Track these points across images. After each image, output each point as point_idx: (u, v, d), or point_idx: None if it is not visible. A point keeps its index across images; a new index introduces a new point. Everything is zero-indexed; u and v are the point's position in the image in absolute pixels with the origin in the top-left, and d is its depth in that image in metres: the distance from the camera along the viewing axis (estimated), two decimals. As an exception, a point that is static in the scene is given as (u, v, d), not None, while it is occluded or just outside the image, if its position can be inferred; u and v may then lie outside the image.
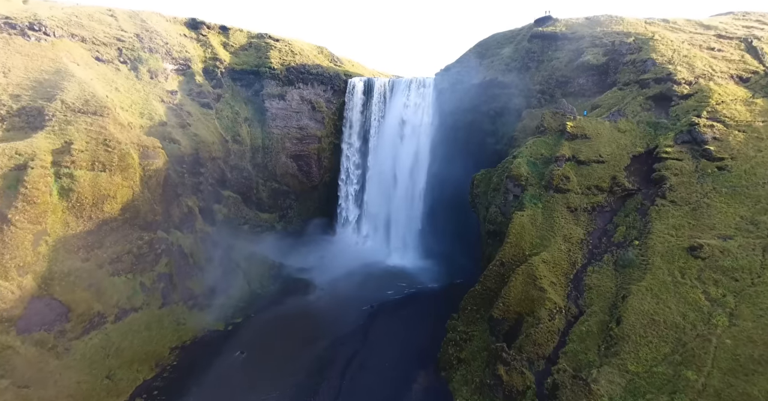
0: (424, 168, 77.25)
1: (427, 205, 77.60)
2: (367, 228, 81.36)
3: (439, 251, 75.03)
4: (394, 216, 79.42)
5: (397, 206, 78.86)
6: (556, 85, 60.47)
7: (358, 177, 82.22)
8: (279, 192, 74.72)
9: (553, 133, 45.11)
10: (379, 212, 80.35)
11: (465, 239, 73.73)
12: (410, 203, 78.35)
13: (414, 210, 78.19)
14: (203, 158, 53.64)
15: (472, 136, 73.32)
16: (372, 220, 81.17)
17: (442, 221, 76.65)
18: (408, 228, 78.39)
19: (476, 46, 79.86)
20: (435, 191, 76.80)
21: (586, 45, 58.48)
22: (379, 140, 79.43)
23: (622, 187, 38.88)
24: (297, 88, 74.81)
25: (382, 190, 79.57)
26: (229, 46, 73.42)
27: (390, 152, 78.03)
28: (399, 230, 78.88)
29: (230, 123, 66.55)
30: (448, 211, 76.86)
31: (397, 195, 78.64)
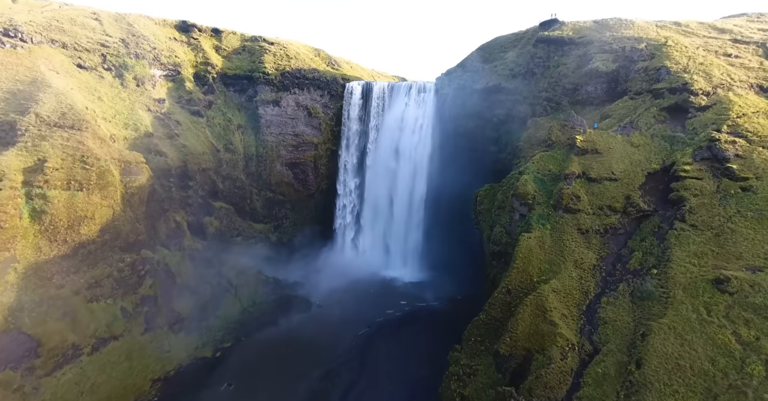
0: (425, 175, 74.65)
1: (428, 214, 75.01)
2: (366, 238, 78.75)
3: (439, 263, 72.47)
4: (394, 225, 76.89)
5: (396, 214, 76.29)
6: (563, 92, 57.71)
7: (356, 185, 79.55)
8: (274, 202, 72.08)
9: (562, 147, 42.40)
10: (378, 221, 77.77)
11: (467, 250, 71.13)
12: (410, 212, 75.76)
13: (414, 219, 75.60)
14: (192, 170, 50.97)
15: (475, 143, 70.66)
16: (370, 229, 78.56)
17: (442, 231, 74.07)
18: (407, 238, 75.82)
19: (479, 50, 77.04)
20: (435, 199, 74.19)
21: (594, 51, 55.66)
22: (378, 147, 76.79)
23: (637, 208, 36.18)
24: (292, 94, 72.04)
25: (381, 198, 76.95)
26: (221, 50, 70.60)
27: (389, 161, 75.37)
28: (398, 240, 76.34)
29: (222, 131, 63.82)
30: (449, 220, 74.23)
31: (397, 203, 76.04)
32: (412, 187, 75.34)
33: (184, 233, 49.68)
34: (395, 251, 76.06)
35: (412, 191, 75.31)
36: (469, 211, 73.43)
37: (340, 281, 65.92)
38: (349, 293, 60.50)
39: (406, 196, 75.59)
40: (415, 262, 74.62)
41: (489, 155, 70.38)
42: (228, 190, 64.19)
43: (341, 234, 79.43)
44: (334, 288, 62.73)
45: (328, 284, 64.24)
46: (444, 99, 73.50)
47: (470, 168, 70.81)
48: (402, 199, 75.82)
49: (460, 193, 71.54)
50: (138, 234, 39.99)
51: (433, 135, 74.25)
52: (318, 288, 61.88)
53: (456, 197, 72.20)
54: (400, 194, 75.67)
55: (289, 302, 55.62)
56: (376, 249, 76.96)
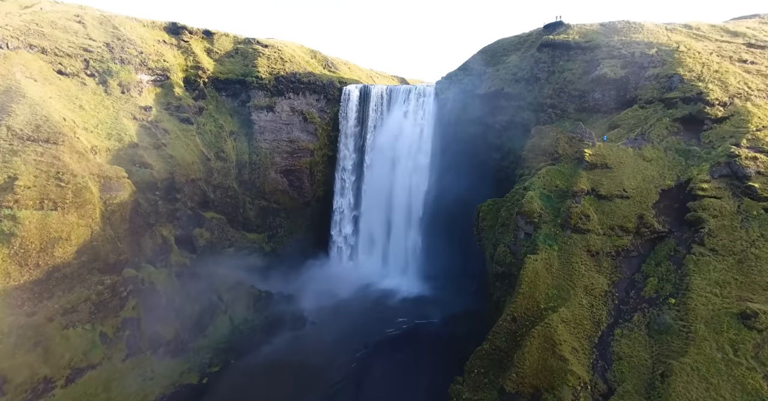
0: (424, 182, 72.24)
1: (427, 221, 72.65)
2: (363, 247, 76.36)
3: (439, 272, 70.18)
4: (392, 234, 74.48)
5: (395, 222, 73.89)
6: (568, 99, 55.29)
7: (354, 192, 77.08)
8: (268, 210, 69.63)
9: (569, 161, 39.97)
10: (376, 230, 75.38)
11: (467, 259, 68.77)
12: (409, 220, 73.38)
13: (413, 228, 73.24)
14: (179, 182, 48.48)
15: (476, 149, 68.28)
16: (368, 238, 76.16)
17: (442, 239, 71.75)
18: (406, 247, 73.49)
19: (480, 53, 74.52)
20: (436, 206, 71.85)
21: (602, 56, 53.16)
22: (376, 152, 74.33)
23: (651, 228, 33.81)
24: (287, 99, 69.48)
25: (379, 206, 74.48)
26: (213, 53, 67.98)
27: (388, 166, 72.92)
28: (397, 249, 73.97)
29: (213, 138, 61.30)
30: (449, 228, 71.91)
31: (395, 211, 73.60)
32: (411, 194, 72.96)
33: (171, 249, 47.25)
34: (394, 260, 73.74)
35: (412, 198, 72.94)
36: (470, 219, 70.90)
37: (336, 293, 63.58)
38: (345, 307, 58.18)
39: (405, 203, 73.21)
40: (414, 271, 72.32)
41: (491, 162, 68.01)
42: (219, 199, 61.74)
43: (338, 243, 77.03)
44: (329, 302, 60.38)
45: (323, 296, 61.89)
46: (444, 104, 71.06)
47: (471, 175, 68.47)
48: (401, 206, 73.43)
49: (461, 200, 69.20)
50: (119, 254, 37.57)
51: (433, 140, 71.86)
52: (313, 302, 59.51)
53: (457, 204, 69.84)
54: (399, 201, 73.28)
55: (283, 318, 53.28)
56: (374, 258, 74.63)
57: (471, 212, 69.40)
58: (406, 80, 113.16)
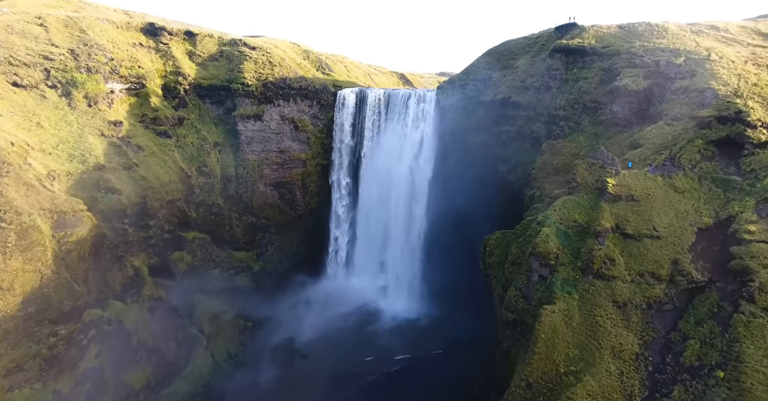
0: (425, 194, 67.44)
1: (428, 237, 68.04)
2: (360, 263, 71.82)
3: (440, 292, 65.73)
4: (391, 250, 69.86)
5: (393, 237, 69.17)
6: (583, 111, 50.25)
7: (350, 205, 72.35)
8: (256, 226, 64.90)
9: (589, 191, 35.12)
10: (373, 245, 70.74)
11: (470, 280, 64.25)
12: (408, 235, 68.67)
13: (412, 243, 68.60)
14: (153, 207, 43.62)
15: (481, 159, 63.39)
16: (365, 253, 71.57)
17: (444, 256, 67.18)
18: (405, 263, 68.94)
19: (486, 55, 69.17)
20: (437, 221, 67.16)
21: (622, 64, 47.97)
22: (374, 162, 69.45)
23: (688, 277, 29.15)
24: (276, 106, 64.29)
25: (376, 219, 69.76)
26: (195, 56, 62.61)
27: (386, 176, 68.00)
28: (395, 266, 69.41)
29: (195, 152, 56.28)
30: (451, 245, 67.26)
31: (394, 225, 68.84)
32: (410, 207, 68.19)
33: (144, 280, 42.63)
34: (392, 278, 69.25)
35: (411, 211, 68.18)
36: (474, 235, 66.41)
37: (331, 317, 59.28)
38: (339, 336, 53.85)
39: (405, 217, 68.43)
40: (414, 290, 67.91)
41: (497, 175, 63.18)
42: (202, 218, 56.97)
43: (333, 259, 72.53)
44: (322, 328, 56.08)
45: (316, 322, 57.61)
46: (446, 111, 65.93)
47: (476, 187, 63.66)
48: (400, 220, 68.67)
49: (465, 214, 64.58)
50: (77, 298, 33.02)
51: (435, 150, 66.90)
52: (304, 329, 55.21)
53: (460, 218, 65.21)
54: (398, 215, 68.51)
55: (272, 352, 49.04)
56: (371, 276, 70.12)
57: (475, 228, 64.90)
58: (405, 76, 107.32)
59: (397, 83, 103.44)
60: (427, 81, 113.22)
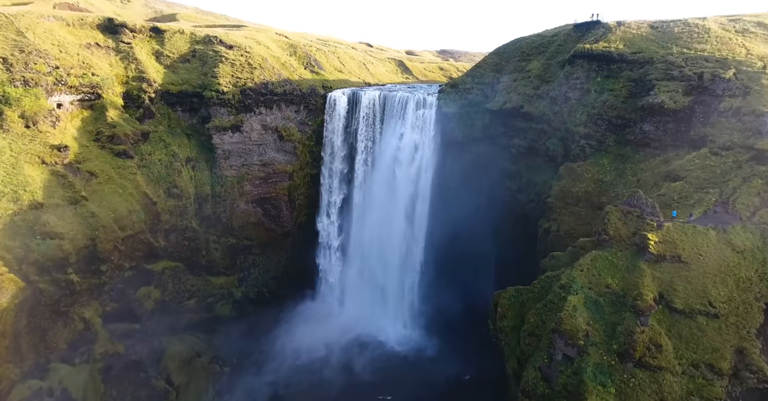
0: (425, 210, 61.09)
1: (428, 259, 62.14)
2: (353, 286, 65.95)
3: (440, 320, 60.19)
4: (387, 270, 63.79)
5: (389, 257, 63.04)
6: (607, 128, 43.51)
7: (342, 220, 66.03)
8: (237, 249, 58.67)
9: (624, 246, 28.80)
10: (367, 265, 64.68)
11: (473, 308, 59.11)
12: (406, 254, 62.63)
13: (411, 266, 62.69)
14: (105, 249, 37.01)
15: (486, 173, 57.08)
16: (358, 273, 65.58)
17: (446, 281, 61.57)
18: (402, 286, 63.13)
19: (493, 55, 61.59)
20: (438, 240, 61.14)
21: (656, 75, 40.84)
22: (368, 172, 62.89)
23: (759, 374, 23.22)
24: (257, 115, 57.04)
25: (371, 237, 63.54)
26: (164, 57, 54.87)
27: (382, 188, 61.51)
28: (391, 289, 63.49)
29: (164, 171, 49.44)
30: (454, 268, 61.50)
31: (391, 244, 62.64)
32: (409, 223, 61.90)
33: (97, 334, 36.69)
34: (387, 302, 63.48)
35: (410, 227, 61.93)
36: (479, 259, 60.44)
37: (320, 352, 53.99)
38: (327, 380, 48.49)
39: (402, 234, 62.17)
40: (410, 318, 62.40)
41: (504, 192, 56.78)
42: (174, 245, 50.69)
43: (323, 279, 66.68)
44: (309, 367, 50.85)
45: (303, 358, 52.33)
46: (448, 118, 58.84)
47: (480, 202, 57.46)
48: (397, 238, 62.41)
49: (468, 233, 58.52)
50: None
51: (435, 159, 60.21)
52: (290, 370, 49.86)
53: (463, 237, 59.20)
54: (395, 232, 62.22)
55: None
56: (366, 301, 64.31)
57: (480, 249, 59.05)
58: (404, 63, 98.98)
59: (395, 72, 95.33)
60: (428, 68, 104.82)
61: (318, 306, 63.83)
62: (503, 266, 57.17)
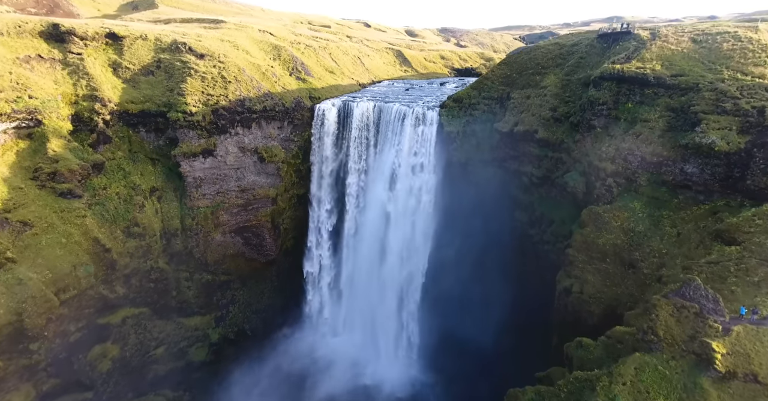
0: (425, 238, 54.93)
1: (429, 291, 56.38)
2: (346, 320, 60.25)
3: (441, 358, 54.80)
4: (384, 302, 57.77)
5: (386, 290, 56.97)
6: (639, 165, 36.90)
7: (332, 245, 59.80)
8: (214, 285, 52.44)
9: (679, 352, 22.63)
10: (360, 298, 58.78)
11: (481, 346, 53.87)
12: (405, 287, 56.68)
13: (409, 297, 56.85)
14: (35, 325, 30.67)
15: (494, 200, 50.97)
16: (352, 309, 59.80)
17: (450, 316, 56.05)
18: (401, 323, 57.39)
19: (504, 66, 54.21)
20: (440, 270, 55.36)
21: (703, 107, 33.93)
22: (361, 193, 56.37)
23: None
24: (234, 136, 49.87)
25: (364, 267, 57.42)
26: (122, 69, 47.31)
27: (377, 210, 55.17)
28: (388, 325, 57.58)
29: (122, 207, 42.67)
30: (458, 302, 55.96)
31: (387, 272, 56.55)
32: (407, 252, 55.78)
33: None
34: (385, 339, 57.77)
35: (408, 257, 55.86)
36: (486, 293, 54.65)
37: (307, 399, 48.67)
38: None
39: (400, 263, 56.05)
40: (409, 358, 56.89)
41: (513, 224, 50.56)
42: (137, 290, 44.40)
43: (312, 311, 60.84)
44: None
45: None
46: (451, 137, 52.12)
47: (485, 232, 51.55)
48: (393, 269, 56.30)
49: (473, 264, 52.96)
50: None
51: (436, 183, 53.76)
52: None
53: (467, 268, 53.68)
54: (392, 259, 56.11)
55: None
56: (360, 336, 58.79)
57: (486, 282, 53.25)
58: (403, 54, 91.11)
59: (393, 63, 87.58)
60: (428, 57, 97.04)
61: (308, 341, 58.22)
62: (512, 307, 51.36)
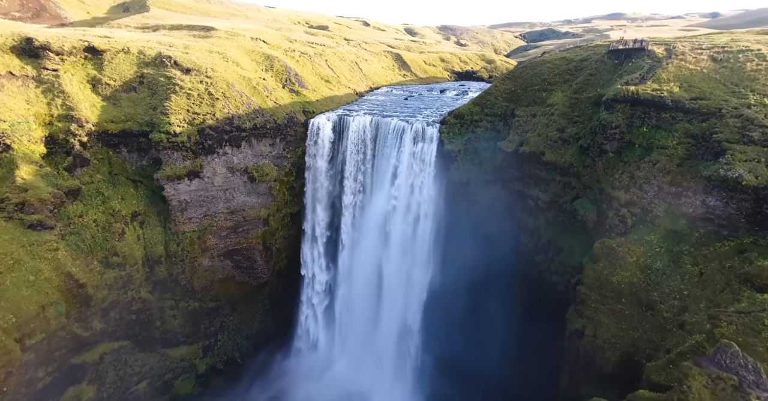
0: (426, 260, 52.23)
1: (430, 313, 53.67)
2: (341, 343, 57.54)
3: (444, 390, 52.19)
4: (382, 327, 55.13)
5: (384, 311, 54.37)
6: (656, 195, 34.27)
7: (327, 268, 57.08)
8: (201, 313, 49.62)
9: (718, 428, 19.98)
10: (357, 322, 56.12)
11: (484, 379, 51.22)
12: (404, 310, 53.95)
13: (409, 323, 54.10)
14: (-6, 379, 27.97)
15: (497, 222, 48.24)
16: (348, 331, 57.11)
17: (451, 340, 53.34)
18: (401, 350, 54.68)
19: (506, 80, 51.42)
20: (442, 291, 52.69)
21: (727, 135, 31.31)
22: (358, 213, 53.73)
23: None
24: (222, 156, 46.97)
25: (362, 291, 54.69)
26: (102, 86, 44.34)
27: (374, 231, 52.39)
28: (387, 351, 54.90)
29: (99, 236, 39.74)
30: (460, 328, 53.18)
31: (385, 295, 53.85)
32: (407, 274, 53.05)
33: None
34: (381, 366, 55.05)
35: (408, 281, 53.11)
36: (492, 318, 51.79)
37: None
38: None
39: (401, 291, 53.30)
40: (408, 385, 54.16)
41: (519, 248, 47.76)
42: (116, 323, 41.50)
43: (306, 335, 58.10)
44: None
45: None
46: (452, 155, 49.42)
47: (489, 257, 48.69)
48: (391, 292, 53.57)
49: (474, 287, 50.19)
50: None
51: (436, 203, 51.00)
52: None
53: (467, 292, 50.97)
54: (391, 285, 53.46)
55: None
56: (354, 360, 56.05)
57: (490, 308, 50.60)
58: (402, 57, 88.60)
59: (392, 68, 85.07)
60: (428, 60, 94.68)
61: (300, 370, 55.37)
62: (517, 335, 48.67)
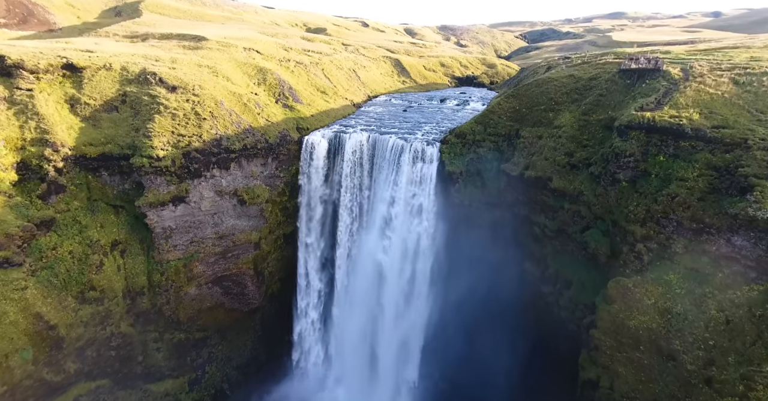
0: (425, 288, 49.74)
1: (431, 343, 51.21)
2: (339, 366, 54.86)
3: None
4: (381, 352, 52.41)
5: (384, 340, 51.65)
6: (675, 230, 31.86)
7: (323, 292, 54.48)
8: (187, 345, 46.77)
9: None
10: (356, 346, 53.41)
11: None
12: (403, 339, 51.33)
13: (410, 354, 51.55)
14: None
15: (501, 247, 45.80)
16: (345, 354, 54.40)
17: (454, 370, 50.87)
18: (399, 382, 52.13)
19: (510, 98, 48.95)
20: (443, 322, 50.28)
21: (754, 169, 29.00)
22: (354, 237, 51.22)
23: None
24: (210, 179, 44.22)
25: (359, 319, 52.06)
26: (81, 106, 41.58)
27: (371, 256, 49.80)
28: (386, 378, 52.34)
29: (74, 269, 36.92)
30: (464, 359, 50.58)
31: (385, 325, 51.23)
32: (407, 304, 50.53)
33: None
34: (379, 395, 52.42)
35: (408, 310, 50.60)
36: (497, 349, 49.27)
37: None
38: None
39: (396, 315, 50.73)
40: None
41: (524, 276, 45.32)
42: (93, 362, 38.69)
43: (302, 361, 55.42)
44: None
45: None
46: (453, 177, 46.95)
47: (492, 284, 46.30)
48: (390, 318, 51.00)
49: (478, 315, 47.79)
50: None
51: (436, 227, 48.58)
52: None
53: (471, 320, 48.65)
54: (390, 313, 50.81)
55: None
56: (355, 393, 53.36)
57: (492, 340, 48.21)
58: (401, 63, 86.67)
59: (390, 74, 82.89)
60: (427, 65, 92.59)
61: (299, 394, 52.74)
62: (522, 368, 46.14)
